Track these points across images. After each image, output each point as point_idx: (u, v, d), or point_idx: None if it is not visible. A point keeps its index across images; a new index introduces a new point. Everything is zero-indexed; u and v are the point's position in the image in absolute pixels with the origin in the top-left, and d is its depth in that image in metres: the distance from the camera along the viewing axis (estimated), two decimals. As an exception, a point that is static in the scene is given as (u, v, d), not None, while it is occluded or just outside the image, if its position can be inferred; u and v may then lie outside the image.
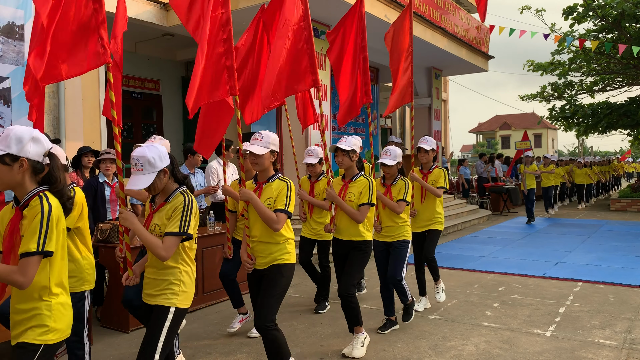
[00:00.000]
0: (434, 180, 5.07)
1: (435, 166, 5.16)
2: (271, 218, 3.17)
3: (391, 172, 4.46)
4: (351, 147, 3.99)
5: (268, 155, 3.28)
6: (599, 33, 16.07)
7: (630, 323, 4.73)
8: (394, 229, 4.48)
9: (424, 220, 5.13)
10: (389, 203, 4.39)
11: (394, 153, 4.43)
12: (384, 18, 8.92)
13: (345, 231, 4.10)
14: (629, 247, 8.70)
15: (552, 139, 56.93)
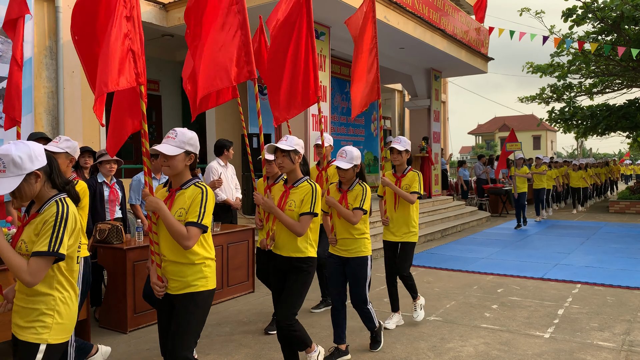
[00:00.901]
0: (407, 184, 4.63)
1: (410, 169, 4.71)
2: (180, 233, 2.61)
3: (347, 177, 3.92)
4: (292, 147, 3.37)
5: (182, 157, 2.75)
6: (598, 35, 16.10)
7: (628, 325, 4.73)
8: (350, 242, 3.91)
9: (397, 230, 4.69)
10: (343, 212, 3.83)
11: (350, 154, 3.91)
12: (383, 19, 8.93)
13: (285, 246, 3.41)
14: (627, 249, 8.70)
15: (552, 141, 56.99)
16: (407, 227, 4.66)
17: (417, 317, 4.85)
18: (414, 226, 4.69)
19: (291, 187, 3.45)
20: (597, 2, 14.41)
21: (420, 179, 4.65)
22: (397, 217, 4.67)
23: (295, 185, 3.45)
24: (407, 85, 13.98)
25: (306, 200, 3.34)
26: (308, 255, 3.40)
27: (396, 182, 4.67)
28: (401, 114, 17.75)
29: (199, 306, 2.74)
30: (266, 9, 8.10)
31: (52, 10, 7.41)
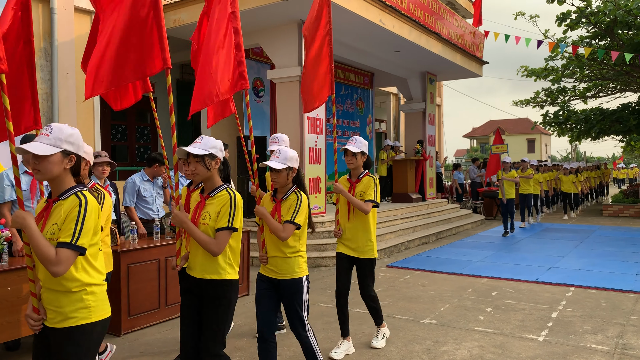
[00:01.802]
0: (361, 191, 4.09)
1: (365, 174, 4.16)
2: (45, 256, 2.10)
3: (280, 181, 3.28)
4: (207, 151, 2.85)
5: (58, 157, 2.24)
6: (592, 40, 16.21)
7: (622, 328, 4.75)
8: (281, 262, 3.28)
9: (352, 243, 4.16)
10: (272, 225, 3.21)
11: (285, 154, 3.27)
12: (379, 23, 8.96)
13: (198, 266, 2.86)
14: (621, 252, 8.75)
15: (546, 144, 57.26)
16: (363, 241, 4.13)
17: (377, 344, 4.30)
18: (370, 239, 4.14)
19: (207, 197, 2.89)
20: (590, 7, 14.51)
21: (377, 186, 4.10)
22: (350, 228, 4.16)
23: (212, 194, 2.88)
24: (402, 89, 14.03)
25: (223, 213, 2.79)
26: (226, 278, 2.85)
27: (350, 189, 4.17)
28: (396, 117, 17.80)
29: (78, 344, 2.21)
30: (262, 11, 8.11)
31: (47, 11, 7.39)
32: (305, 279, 3.36)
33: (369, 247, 4.15)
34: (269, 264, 3.34)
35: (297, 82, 8.78)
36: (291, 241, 3.28)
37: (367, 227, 4.13)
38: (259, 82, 10.46)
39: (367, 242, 4.14)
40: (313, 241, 8.12)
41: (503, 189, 11.00)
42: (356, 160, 4.14)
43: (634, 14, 13.35)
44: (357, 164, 4.15)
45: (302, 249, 3.38)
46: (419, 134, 13.76)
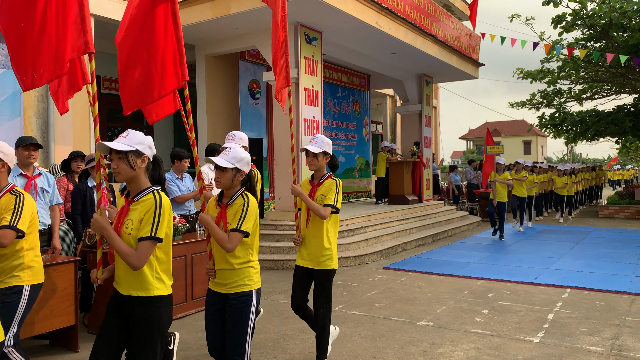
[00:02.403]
0: (322, 195, 3.72)
1: (328, 176, 3.80)
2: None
3: (224, 182, 2.94)
4: (133, 147, 2.51)
5: None
6: (587, 42, 16.28)
7: (617, 329, 4.77)
8: (229, 274, 2.95)
9: (309, 252, 3.78)
10: (217, 235, 2.87)
11: (234, 153, 2.95)
12: (375, 25, 8.98)
13: (123, 281, 2.53)
14: (616, 253, 8.78)
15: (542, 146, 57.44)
16: (320, 250, 3.72)
17: None
18: (328, 249, 3.73)
19: (131, 202, 2.54)
20: (586, 10, 14.58)
21: (339, 189, 3.73)
22: (309, 236, 3.78)
23: (136, 199, 2.52)
24: (399, 91, 14.05)
25: (146, 220, 2.43)
26: (155, 295, 2.49)
27: (311, 192, 3.79)
28: (393, 118, 17.82)
29: None
30: (258, 13, 8.12)
31: (43, 13, 7.36)
32: (255, 293, 2.99)
33: (326, 257, 3.72)
34: (217, 277, 2.99)
35: (293, 84, 8.77)
36: (239, 251, 2.93)
37: (324, 234, 3.72)
38: (255, 84, 10.46)
39: (324, 251, 3.71)
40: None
41: (495, 190, 10.59)
42: (317, 161, 3.75)
43: (629, 16, 13.42)
44: (318, 165, 3.76)
45: (254, 258, 3.03)
46: (415, 135, 13.78)
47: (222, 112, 10.08)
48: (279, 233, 8.34)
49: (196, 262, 5.40)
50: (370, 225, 9.58)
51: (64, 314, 4.14)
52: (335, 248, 3.81)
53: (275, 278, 7.03)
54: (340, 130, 13.64)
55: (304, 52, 8.76)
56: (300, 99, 8.73)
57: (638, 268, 7.51)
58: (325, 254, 3.73)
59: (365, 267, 7.81)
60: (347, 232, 8.84)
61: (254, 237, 3.00)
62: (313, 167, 3.76)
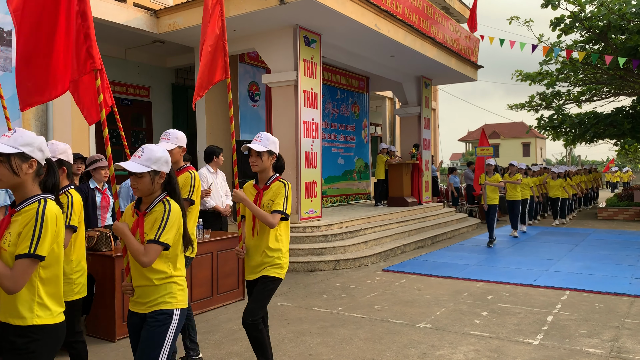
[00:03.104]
0: (269, 200, 3.35)
1: (276, 178, 3.43)
2: None
3: (142, 188, 2.55)
4: (17, 149, 2.09)
5: None
6: (586, 44, 16.32)
7: (617, 331, 4.77)
8: (148, 292, 2.55)
9: (255, 262, 3.40)
10: (131, 247, 2.47)
11: (149, 153, 2.55)
12: (374, 27, 8.99)
13: (2, 305, 2.11)
14: (615, 255, 8.78)
15: (541, 148, 57.49)
16: (266, 258, 3.36)
17: None
18: (275, 256, 3.36)
19: (13, 213, 2.13)
20: (584, 12, 14.62)
21: (287, 193, 3.36)
22: (255, 247, 3.39)
23: (19, 209, 2.12)
24: (398, 93, 14.07)
25: (25, 235, 2.02)
26: (34, 324, 2.06)
27: (256, 197, 3.41)
28: (392, 121, 17.84)
29: None
30: (257, 16, 8.11)
31: (42, 15, 7.37)
32: (177, 313, 2.56)
33: (274, 264, 3.36)
34: (135, 294, 2.58)
35: (292, 86, 8.79)
36: (159, 265, 2.53)
37: (271, 241, 3.36)
38: (254, 86, 10.47)
39: (275, 259, 3.37)
40: (308, 245, 8.12)
41: (485, 194, 10.00)
42: (261, 161, 3.36)
43: (628, 18, 13.45)
44: (262, 166, 3.37)
45: (178, 273, 2.61)
46: (414, 138, 13.79)
47: (221, 114, 10.08)
48: (278, 235, 8.33)
49: (195, 265, 5.40)
50: (370, 228, 9.58)
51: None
52: (286, 257, 3.43)
53: (275, 280, 7.02)
54: (340, 132, 13.65)
55: (303, 54, 8.77)
56: (299, 101, 8.74)
57: (637, 270, 7.51)
58: (270, 261, 3.35)
59: (364, 269, 7.81)
60: (346, 234, 8.84)
61: (177, 248, 2.60)
62: (256, 167, 3.39)
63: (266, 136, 3.40)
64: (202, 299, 5.49)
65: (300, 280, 7.05)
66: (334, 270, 7.69)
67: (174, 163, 3.79)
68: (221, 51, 3.99)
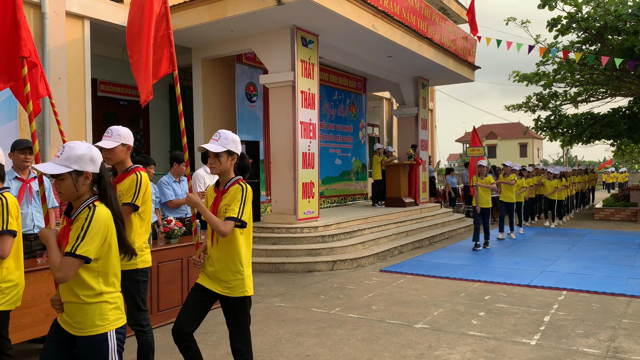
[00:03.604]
0: (226, 205, 3.02)
1: (235, 181, 3.08)
2: None
3: (67, 192, 2.27)
4: None
5: None
6: (583, 45, 16.35)
7: (613, 332, 4.78)
8: (76, 310, 2.26)
9: (218, 275, 3.07)
10: (50, 258, 2.21)
11: (69, 151, 2.28)
12: (371, 28, 9.00)
13: None
14: (612, 256, 8.81)
15: (538, 149, 57.61)
16: (230, 273, 3.03)
17: None
18: (239, 271, 3.04)
19: None
20: (581, 13, 14.65)
21: (246, 197, 3.01)
22: (216, 257, 3.07)
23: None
24: (395, 93, 14.08)
25: None
26: None
27: (215, 202, 3.10)
28: (389, 121, 17.85)
29: None
30: (255, 16, 8.12)
31: (39, 16, 7.36)
32: (112, 335, 2.28)
33: (238, 282, 3.03)
34: (65, 311, 2.30)
35: (290, 86, 8.79)
36: (87, 279, 2.22)
37: (234, 254, 3.04)
38: (251, 86, 10.46)
39: (235, 274, 3.03)
40: (306, 246, 8.11)
41: (477, 196, 9.56)
42: (219, 163, 3.07)
43: (624, 19, 13.50)
44: (221, 167, 3.08)
45: (109, 289, 2.29)
46: (411, 138, 13.81)
47: (219, 115, 10.07)
48: (275, 236, 8.34)
49: (192, 266, 5.38)
50: (367, 228, 9.59)
51: (60, 318, 4.11)
52: (248, 270, 3.10)
53: (272, 281, 7.02)
54: (337, 133, 13.66)
55: (300, 55, 8.77)
56: (296, 102, 8.74)
57: (634, 270, 7.54)
58: (237, 277, 3.03)
59: (361, 269, 7.82)
60: (343, 235, 8.85)
61: (107, 261, 2.28)
62: (215, 170, 3.10)
63: (224, 134, 3.11)
64: (199, 300, 5.48)
65: (297, 280, 7.05)
66: (332, 271, 7.69)
67: (119, 163, 3.51)
68: (166, 42, 3.75)
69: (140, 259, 3.40)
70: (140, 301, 3.44)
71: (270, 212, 9.38)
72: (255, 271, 7.60)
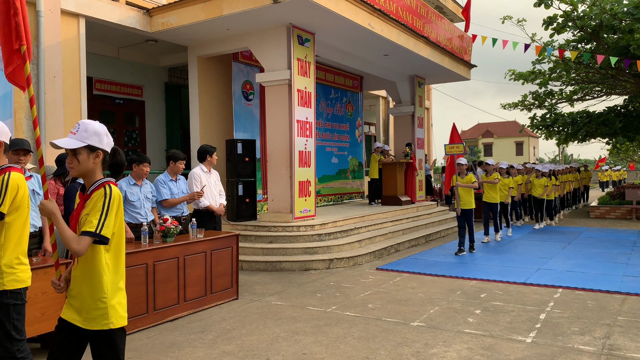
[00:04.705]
0: (86, 214, 2.38)
1: (100, 184, 2.43)
2: None
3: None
4: None
5: None
6: (578, 43, 16.40)
7: (608, 329, 4.80)
8: None
9: (81, 302, 2.41)
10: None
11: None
12: (367, 26, 9.00)
13: None
14: (607, 253, 8.84)
15: (534, 147, 57.79)
16: (90, 300, 2.39)
17: None
18: (102, 298, 2.38)
19: None
20: (577, 11, 14.69)
21: (111, 205, 2.37)
22: (78, 279, 2.43)
23: None
24: (391, 92, 14.09)
25: None
26: None
27: (77, 210, 2.48)
28: (385, 120, 17.87)
29: None
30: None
31: (34, 14, 7.33)
32: None
33: (100, 313, 2.38)
34: None
35: (286, 85, 8.78)
36: None
37: (94, 277, 2.39)
38: (248, 85, 10.45)
39: (96, 302, 2.38)
40: (302, 244, 8.12)
41: (458, 197, 8.93)
42: (78, 162, 2.43)
43: (619, 18, 13.54)
44: (81, 168, 2.43)
45: None
46: (408, 137, 13.82)
47: (215, 113, 10.06)
48: (272, 234, 8.34)
49: (188, 265, 5.39)
50: (364, 227, 9.60)
51: (56, 317, 4.10)
52: (117, 298, 2.44)
53: (269, 279, 7.02)
54: (334, 131, 13.65)
55: (296, 53, 8.76)
56: (293, 100, 8.73)
57: (629, 268, 7.57)
58: (99, 306, 2.38)
59: (358, 268, 7.82)
60: (340, 233, 8.85)
61: None
62: (73, 171, 2.45)
63: (84, 125, 2.44)
64: (195, 299, 5.48)
65: (294, 279, 7.05)
66: (328, 269, 7.69)
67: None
68: (10, 12, 3.08)
69: (9, 278, 2.80)
70: (12, 329, 2.78)
71: (266, 211, 9.38)
72: (252, 270, 7.60)
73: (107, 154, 2.51)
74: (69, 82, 7.87)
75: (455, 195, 9.00)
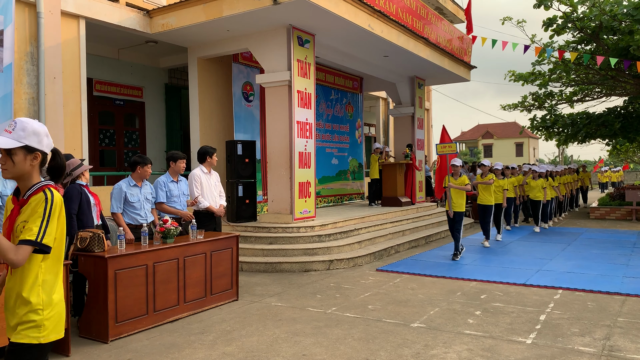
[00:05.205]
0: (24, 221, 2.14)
1: (40, 188, 2.21)
2: None
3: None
4: None
5: None
6: (578, 45, 16.42)
7: (608, 330, 4.80)
8: None
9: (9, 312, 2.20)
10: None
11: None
12: (367, 28, 9.00)
13: None
14: (607, 254, 8.84)
15: (534, 148, 57.80)
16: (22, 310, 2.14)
17: None
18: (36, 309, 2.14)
19: None
20: (576, 13, 14.71)
21: (52, 211, 2.15)
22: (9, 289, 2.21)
23: None
24: (391, 93, 14.09)
25: None
26: None
27: (11, 216, 2.23)
28: (385, 121, 17.87)
29: None
30: (251, 16, 8.10)
31: (34, 15, 7.34)
32: None
33: (30, 325, 2.13)
34: None
35: (286, 86, 8.78)
36: None
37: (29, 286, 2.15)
38: (248, 86, 10.45)
39: (28, 314, 2.14)
40: (302, 245, 8.11)
41: (450, 199, 8.54)
42: (12, 163, 2.19)
43: (619, 19, 13.55)
44: (15, 170, 2.20)
45: None
46: (408, 138, 13.83)
47: (215, 115, 10.06)
48: (272, 235, 8.34)
49: (188, 265, 5.39)
50: (364, 228, 9.60)
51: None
52: (56, 309, 2.20)
53: (268, 280, 7.02)
54: (334, 132, 13.66)
55: (296, 54, 8.77)
56: (293, 102, 8.73)
57: (629, 269, 7.57)
58: (29, 317, 2.14)
59: (358, 269, 7.82)
60: (340, 234, 8.85)
61: None
62: (7, 173, 2.21)
63: (22, 124, 2.20)
64: (195, 300, 5.48)
65: (294, 280, 7.05)
66: (328, 270, 7.69)
67: None
68: None
69: None
70: None
71: (266, 212, 9.38)
72: (252, 271, 7.59)
73: (46, 156, 2.29)
74: (69, 83, 7.87)
75: (447, 197, 8.63)
